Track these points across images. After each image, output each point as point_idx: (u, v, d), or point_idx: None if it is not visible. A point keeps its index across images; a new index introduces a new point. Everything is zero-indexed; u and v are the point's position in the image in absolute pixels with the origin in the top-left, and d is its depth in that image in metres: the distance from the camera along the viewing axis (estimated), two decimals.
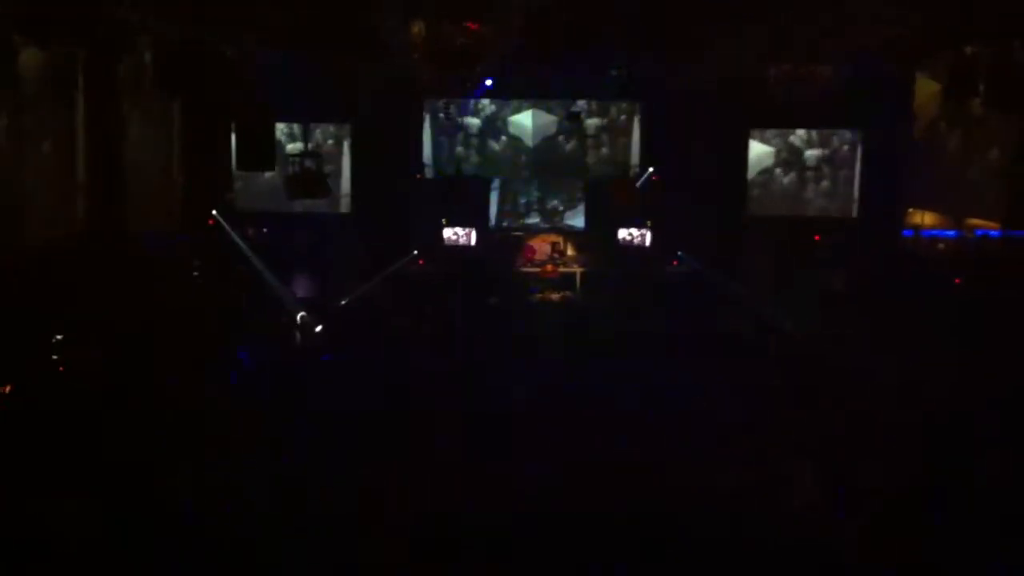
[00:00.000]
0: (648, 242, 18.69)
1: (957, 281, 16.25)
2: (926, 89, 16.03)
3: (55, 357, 11.50)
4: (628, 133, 18.95)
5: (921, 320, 14.08)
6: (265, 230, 17.71)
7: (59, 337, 11.61)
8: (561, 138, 18.94)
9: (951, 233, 17.21)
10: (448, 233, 18.56)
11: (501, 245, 18.83)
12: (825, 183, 18.91)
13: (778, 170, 18.97)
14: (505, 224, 19.28)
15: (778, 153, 18.89)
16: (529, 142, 18.95)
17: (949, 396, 10.71)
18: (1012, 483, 8.26)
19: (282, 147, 17.28)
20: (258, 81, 14.57)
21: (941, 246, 17.34)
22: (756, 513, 7.69)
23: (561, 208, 19.33)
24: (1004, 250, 15.99)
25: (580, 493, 8.02)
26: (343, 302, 16.37)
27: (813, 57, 12.94)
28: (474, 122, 18.87)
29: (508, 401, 10.76)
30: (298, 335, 14.91)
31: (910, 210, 17.94)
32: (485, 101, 18.57)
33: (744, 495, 8.11)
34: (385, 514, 7.54)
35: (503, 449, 9.15)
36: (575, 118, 17.84)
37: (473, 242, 18.57)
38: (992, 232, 16.21)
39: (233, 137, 15.07)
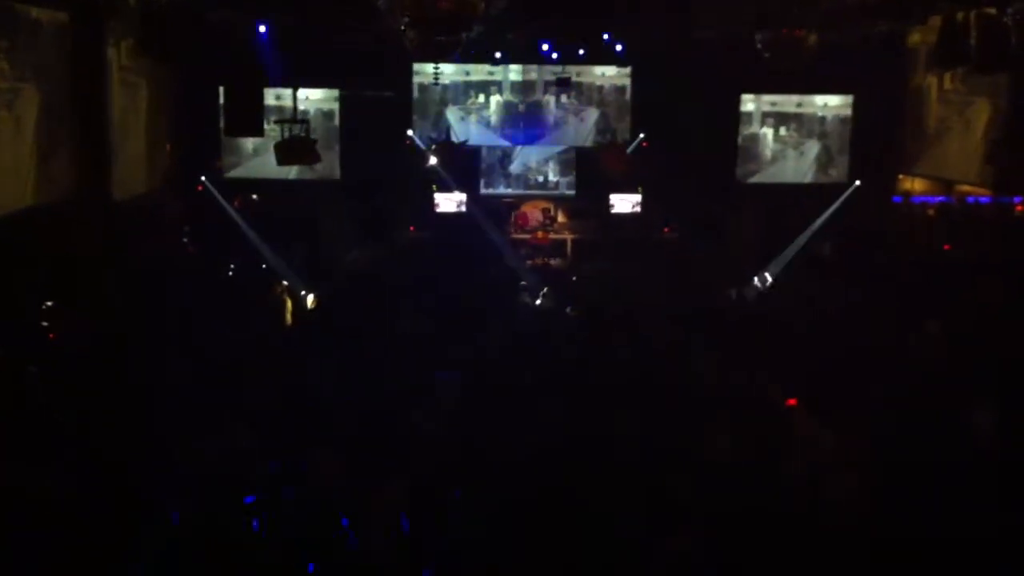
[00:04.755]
0: (639, 208, 18.69)
1: (946, 247, 16.30)
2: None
3: (45, 324, 11.48)
4: (619, 99, 18.91)
5: (909, 285, 14.16)
6: (255, 196, 17.64)
7: (49, 304, 11.58)
8: (551, 103, 18.87)
9: (941, 199, 17.25)
10: (439, 199, 18.52)
11: (492, 212, 18.79)
12: (815, 149, 18.92)
13: (769, 135, 18.98)
14: (496, 190, 19.25)
15: (769, 118, 18.90)
16: (519, 108, 18.88)
17: (934, 359, 10.80)
18: (1001, 442, 8.34)
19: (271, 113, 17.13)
20: (246, 46, 14.48)
21: (931, 212, 17.38)
22: (749, 477, 7.75)
23: (552, 174, 19.30)
24: (994, 216, 16.04)
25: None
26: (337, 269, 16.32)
27: (804, 20, 12.85)
28: (464, 87, 18.79)
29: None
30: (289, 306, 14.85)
31: (900, 176, 17.95)
32: (475, 66, 18.44)
33: (738, 459, 8.18)
34: None
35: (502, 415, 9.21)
36: (565, 83, 17.73)
37: (464, 209, 18.52)
38: (982, 199, 16.25)
39: (221, 102, 14.98)
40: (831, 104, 18.81)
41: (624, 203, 18.69)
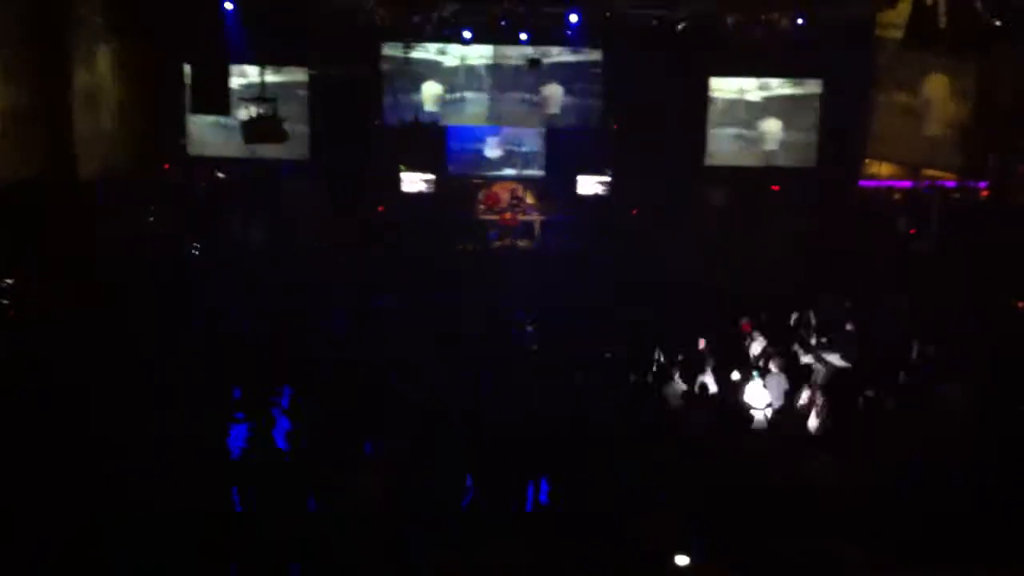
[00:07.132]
0: (606, 190, 18.65)
1: (912, 232, 16.45)
2: None
3: (5, 301, 11.30)
4: (589, 81, 18.84)
5: (874, 268, 14.30)
6: (222, 175, 17.41)
7: (9, 281, 11.39)
8: (521, 84, 18.76)
9: (907, 184, 17.38)
10: (407, 179, 18.37)
11: (460, 192, 18.69)
12: (784, 132, 18.95)
13: (738, 119, 19.00)
14: (464, 171, 19.14)
15: (738, 102, 18.93)
16: (488, 88, 18.76)
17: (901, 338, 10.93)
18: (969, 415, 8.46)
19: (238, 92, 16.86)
20: (213, 24, 14.29)
21: (897, 196, 17.52)
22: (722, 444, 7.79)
23: (520, 155, 19.21)
24: (959, 201, 16.21)
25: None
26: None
27: (774, 5, 12.91)
28: (433, 67, 18.63)
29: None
30: None
31: (867, 160, 18.06)
32: (444, 46, 18.28)
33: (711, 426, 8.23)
34: None
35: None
36: (535, 64, 17.62)
37: (432, 189, 18.39)
38: (948, 183, 16.41)
39: (187, 80, 14.80)
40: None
41: (591, 185, 18.64)
